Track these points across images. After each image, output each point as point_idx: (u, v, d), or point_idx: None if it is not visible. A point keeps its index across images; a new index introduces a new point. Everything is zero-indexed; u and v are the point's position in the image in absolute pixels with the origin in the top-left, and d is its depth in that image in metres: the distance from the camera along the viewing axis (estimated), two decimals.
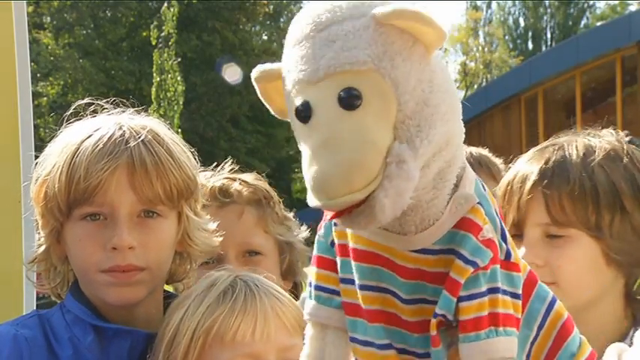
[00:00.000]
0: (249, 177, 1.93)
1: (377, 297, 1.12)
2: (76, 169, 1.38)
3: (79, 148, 1.40)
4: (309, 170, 0.96)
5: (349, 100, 0.96)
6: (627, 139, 1.59)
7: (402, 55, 0.98)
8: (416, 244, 1.07)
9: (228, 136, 22.99)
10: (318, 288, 1.20)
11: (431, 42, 1.00)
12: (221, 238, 1.60)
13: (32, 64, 2.81)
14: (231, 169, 1.95)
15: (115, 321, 1.44)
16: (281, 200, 1.94)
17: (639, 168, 1.62)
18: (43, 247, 1.48)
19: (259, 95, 1.11)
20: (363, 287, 1.13)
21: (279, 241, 1.86)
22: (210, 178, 1.90)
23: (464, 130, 1.08)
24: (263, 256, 1.82)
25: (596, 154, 1.60)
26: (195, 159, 1.54)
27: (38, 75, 21.10)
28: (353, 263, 1.13)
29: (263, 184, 1.94)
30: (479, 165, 2.03)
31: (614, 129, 1.74)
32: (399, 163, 0.96)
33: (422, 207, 1.04)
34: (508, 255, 1.10)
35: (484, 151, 2.17)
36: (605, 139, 1.66)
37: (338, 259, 1.16)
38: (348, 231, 1.13)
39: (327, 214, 1.16)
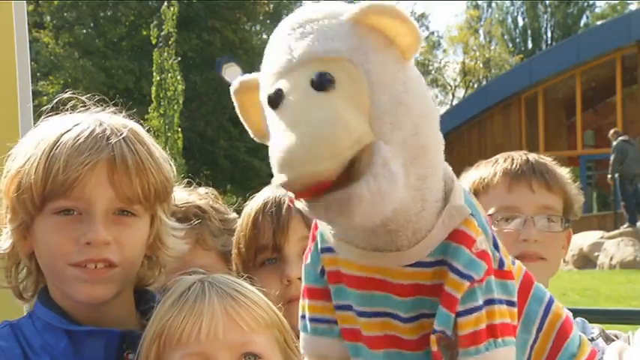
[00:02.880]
0: (183, 194, 1.83)
1: (376, 322, 1.10)
2: (54, 161, 1.35)
3: (58, 141, 1.37)
4: (275, 150, 0.95)
5: (321, 82, 0.96)
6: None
7: (377, 52, 0.99)
8: (410, 258, 1.06)
9: (228, 135, 22.97)
10: (314, 320, 1.18)
11: (407, 44, 1.00)
12: (189, 245, 1.59)
13: (32, 63, 2.81)
14: None
15: (85, 322, 1.41)
16: (218, 198, 1.88)
17: None
18: (8, 242, 1.45)
19: (237, 112, 1.10)
20: (361, 314, 1.11)
21: (222, 252, 1.82)
22: None
23: (442, 140, 1.08)
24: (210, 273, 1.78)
25: None
26: (170, 165, 1.51)
27: (38, 74, 21.09)
28: (347, 289, 1.12)
29: (196, 196, 1.87)
30: (532, 172, 1.92)
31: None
32: (385, 164, 0.95)
33: (412, 220, 1.03)
34: (501, 263, 1.10)
35: (542, 158, 2.02)
36: None
37: (331, 287, 1.14)
38: (340, 257, 1.11)
39: (316, 230, 1.15)
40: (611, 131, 15.68)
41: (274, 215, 1.63)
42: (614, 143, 15.15)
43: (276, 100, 0.99)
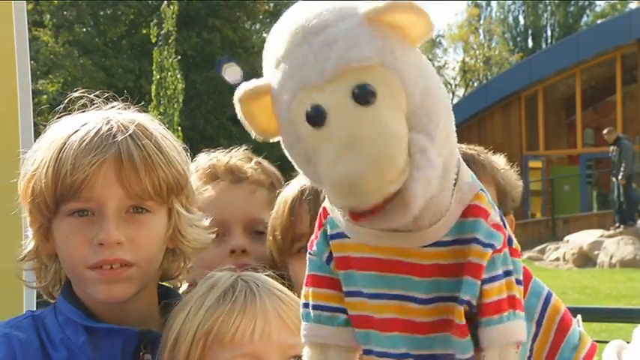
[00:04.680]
0: (264, 161, 1.96)
1: (388, 305, 1.10)
2: (62, 163, 1.35)
3: (65, 143, 1.37)
4: (334, 172, 0.94)
5: (365, 95, 0.95)
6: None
7: (399, 46, 0.99)
8: (430, 237, 1.06)
9: (228, 134, 22.97)
10: (317, 307, 1.17)
11: (419, 34, 1.00)
12: (214, 235, 1.58)
13: (32, 61, 2.82)
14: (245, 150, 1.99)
15: (107, 319, 1.42)
16: None
17: None
18: (32, 245, 1.46)
19: (240, 117, 1.07)
20: (373, 296, 1.11)
21: None
22: (226, 155, 1.93)
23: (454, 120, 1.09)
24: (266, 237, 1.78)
25: None
26: (186, 155, 1.51)
27: (38, 73, 21.10)
28: (359, 273, 1.12)
29: (275, 170, 1.95)
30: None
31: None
32: (423, 152, 0.96)
33: (434, 200, 1.03)
34: (510, 241, 1.10)
35: (471, 149, 2.05)
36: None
37: (340, 273, 1.14)
38: (349, 242, 1.12)
39: (330, 222, 1.15)
40: (605, 130, 15.48)
41: (312, 203, 1.61)
42: (624, 142, 14.86)
43: (317, 117, 0.97)
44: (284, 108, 1.02)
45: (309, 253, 1.19)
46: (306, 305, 1.19)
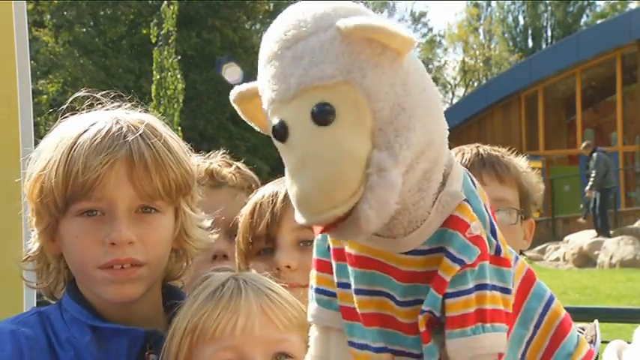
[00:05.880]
0: (242, 166, 2.03)
1: (371, 300, 1.12)
2: (73, 163, 1.35)
3: (76, 142, 1.37)
4: (291, 189, 0.98)
5: (322, 115, 0.96)
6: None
7: (372, 62, 0.97)
8: (405, 246, 1.07)
9: (228, 134, 22.98)
10: (318, 291, 1.20)
11: (399, 49, 0.99)
12: (217, 235, 1.60)
13: (32, 62, 2.83)
14: (223, 156, 2.04)
15: (113, 319, 1.42)
16: None
17: None
18: (37, 245, 1.46)
19: (242, 116, 1.11)
20: (357, 291, 1.13)
21: None
22: (205, 160, 1.97)
23: (447, 127, 1.08)
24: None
25: None
26: (190, 156, 1.52)
27: (38, 73, 21.10)
28: (349, 267, 1.14)
29: (253, 174, 2.02)
30: (482, 165, 1.96)
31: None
32: (380, 172, 0.95)
33: (409, 209, 1.04)
34: (498, 250, 1.10)
35: (495, 150, 2.04)
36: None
37: (334, 264, 1.16)
38: None
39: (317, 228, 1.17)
40: (584, 144, 15.66)
41: (269, 205, 1.65)
42: (595, 155, 14.93)
43: (281, 133, 1.00)
44: (266, 116, 1.05)
45: (316, 239, 1.22)
46: (312, 287, 1.22)
